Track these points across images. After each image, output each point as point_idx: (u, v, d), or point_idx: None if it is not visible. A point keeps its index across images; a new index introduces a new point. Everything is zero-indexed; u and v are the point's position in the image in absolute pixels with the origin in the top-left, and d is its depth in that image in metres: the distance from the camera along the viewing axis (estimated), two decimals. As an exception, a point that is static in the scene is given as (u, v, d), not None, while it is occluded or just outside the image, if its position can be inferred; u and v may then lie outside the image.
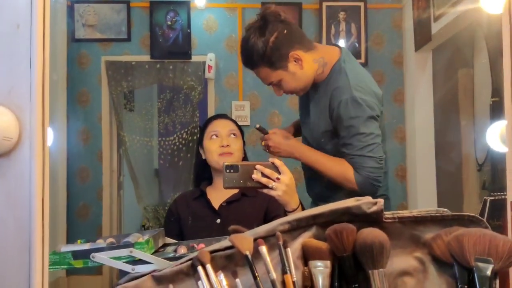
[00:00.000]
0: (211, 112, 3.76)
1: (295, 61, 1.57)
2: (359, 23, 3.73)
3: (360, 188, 1.53)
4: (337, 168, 1.57)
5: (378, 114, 1.56)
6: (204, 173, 1.79)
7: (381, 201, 0.81)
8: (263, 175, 1.28)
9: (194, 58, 3.78)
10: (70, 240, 3.58)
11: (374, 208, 0.81)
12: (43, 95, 0.80)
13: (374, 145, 1.53)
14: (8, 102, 0.78)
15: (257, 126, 1.68)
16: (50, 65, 0.82)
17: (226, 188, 1.30)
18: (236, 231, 0.88)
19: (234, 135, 1.72)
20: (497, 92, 2.59)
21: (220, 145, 1.69)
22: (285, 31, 1.56)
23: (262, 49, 1.53)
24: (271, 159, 1.33)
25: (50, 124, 0.82)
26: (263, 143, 1.68)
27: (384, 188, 1.71)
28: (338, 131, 1.58)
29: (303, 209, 1.54)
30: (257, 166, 1.28)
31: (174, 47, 3.76)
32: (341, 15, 3.74)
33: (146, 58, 3.79)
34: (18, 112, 0.78)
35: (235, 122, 1.81)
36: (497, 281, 0.75)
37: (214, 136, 1.71)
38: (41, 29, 0.79)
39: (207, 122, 1.80)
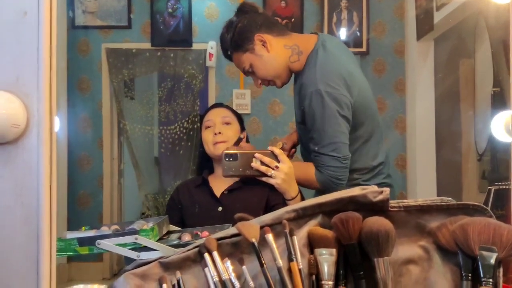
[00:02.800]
0: (211, 100, 3.75)
1: (262, 44, 1.58)
2: (361, 11, 3.71)
3: (322, 186, 1.51)
4: (300, 170, 1.55)
5: (347, 105, 1.50)
6: (206, 162, 1.79)
7: (387, 190, 0.82)
8: (262, 163, 1.29)
9: (195, 46, 3.76)
10: (71, 228, 3.58)
11: (380, 197, 0.81)
12: (50, 82, 0.80)
13: (337, 144, 1.49)
14: (15, 89, 0.78)
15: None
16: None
17: (225, 176, 1.31)
18: (241, 219, 0.88)
19: (227, 123, 1.72)
20: (498, 82, 2.59)
21: (213, 134, 1.70)
22: (253, 17, 1.60)
23: (230, 36, 1.60)
24: (270, 148, 1.33)
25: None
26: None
27: (384, 176, 1.70)
28: (306, 124, 1.57)
29: (302, 198, 1.55)
30: (256, 155, 1.29)
31: (175, 35, 3.74)
32: (343, 3, 3.71)
33: (147, 45, 3.77)
34: (25, 100, 0.78)
35: (230, 109, 1.80)
36: (501, 270, 0.76)
37: (208, 126, 1.72)
38: (48, 17, 0.79)
39: (204, 113, 1.81)
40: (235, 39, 1.59)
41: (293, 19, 3.70)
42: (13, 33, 0.78)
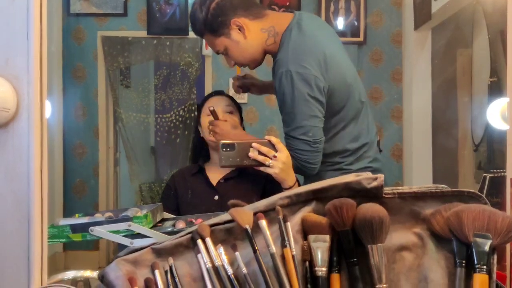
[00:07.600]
0: (208, 89, 3.73)
1: (239, 30, 1.50)
2: (359, 0, 3.69)
3: (295, 170, 1.43)
4: None
5: (319, 87, 1.43)
6: (201, 150, 1.79)
7: (381, 176, 0.81)
8: (260, 153, 1.28)
9: (191, 34, 3.73)
10: (67, 216, 3.58)
11: (374, 184, 0.81)
12: (41, 66, 0.79)
13: (307, 127, 1.43)
14: (5, 72, 0.76)
15: (211, 108, 1.62)
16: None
17: (222, 167, 1.30)
18: (235, 205, 0.88)
19: (230, 112, 1.71)
20: (495, 72, 2.58)
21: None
22: None
23: (203, 17, 1.49)
24: (267, 137, 1.32)
25: (47, 98, 0.81)
26: (210, 127, 1.62)
27: (370, 160, 1.61)
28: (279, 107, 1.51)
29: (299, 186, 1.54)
30: (254, 144, 1.28)
31: (171, 23, 3.71)
32: (341, -8, 3.69)
33: (143, 33, 3.74)
34: (15, 83, 0.76)
35: (232, 98, 1.80)
36: (495, 256, 0.76)
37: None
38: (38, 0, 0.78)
39: (204, 99, 1.79)
40: (209, 22, 1.49)
41: (289, 8, 3.67)
42: (3, 16, 0.77)
